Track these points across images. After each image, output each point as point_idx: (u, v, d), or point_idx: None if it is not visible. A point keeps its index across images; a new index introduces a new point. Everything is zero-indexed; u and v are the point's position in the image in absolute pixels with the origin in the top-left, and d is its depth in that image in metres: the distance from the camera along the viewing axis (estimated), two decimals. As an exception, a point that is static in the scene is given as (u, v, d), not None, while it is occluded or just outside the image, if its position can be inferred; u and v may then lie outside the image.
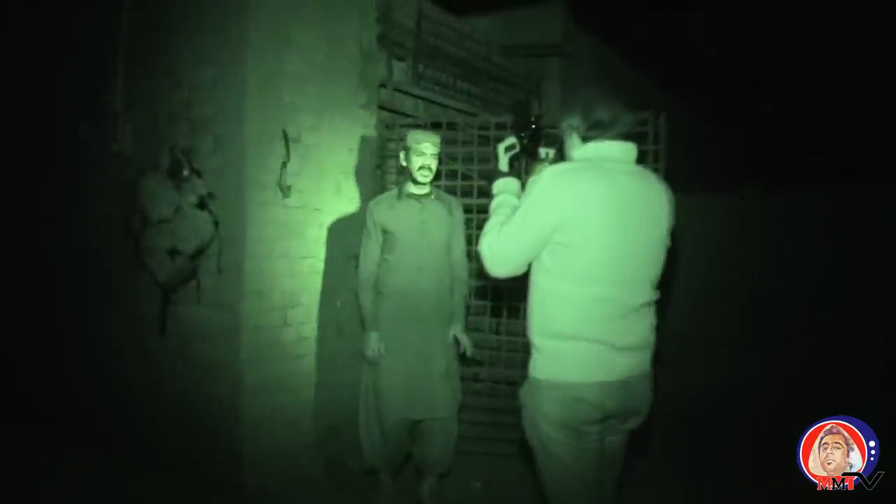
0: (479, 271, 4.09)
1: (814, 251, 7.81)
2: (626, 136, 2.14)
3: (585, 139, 2.14)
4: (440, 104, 5.20)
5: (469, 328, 4.42)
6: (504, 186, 2.33)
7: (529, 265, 2.15)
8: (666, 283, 2.21)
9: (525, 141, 2.41)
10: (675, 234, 2.21)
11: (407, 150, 3.52)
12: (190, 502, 3.63)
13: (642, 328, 2.12)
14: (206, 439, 3.76)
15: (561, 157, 2.30)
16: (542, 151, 2.49)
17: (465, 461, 4.13)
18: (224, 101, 3.67)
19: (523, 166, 2.47)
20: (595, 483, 2.12)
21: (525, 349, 2.22)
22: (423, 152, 3.48)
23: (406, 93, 4.87)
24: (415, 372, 3.48)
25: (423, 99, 5.06)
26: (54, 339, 4.59)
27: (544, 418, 2.07)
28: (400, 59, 4.86)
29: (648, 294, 2.12)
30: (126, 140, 4.06)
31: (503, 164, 2.40)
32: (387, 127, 4.45)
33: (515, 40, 6.43)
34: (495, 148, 2.43)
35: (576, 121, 2.14)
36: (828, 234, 7.75)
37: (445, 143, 4.40)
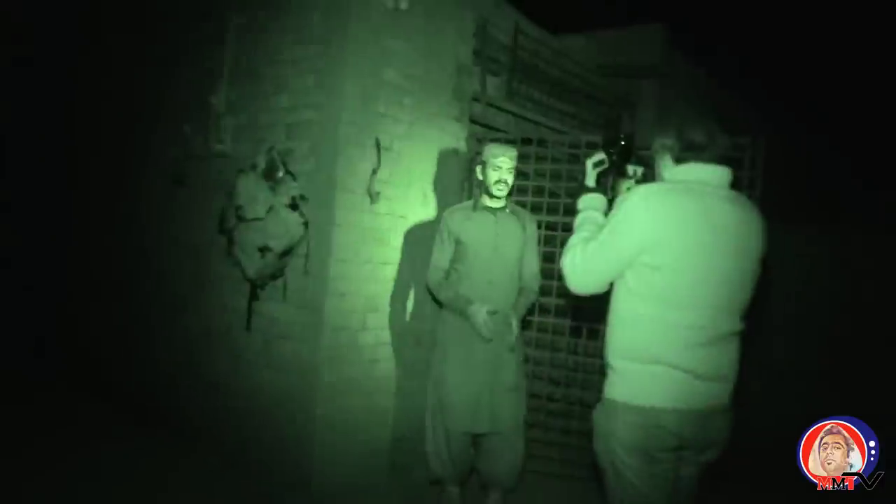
0: (559, 289, 4.06)
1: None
2: (720, 160, 2.08)
3: (679, 160, 2.10)
4: (532, 121, 5.19)
5: (547, 347, 4.40)
6: (590, 202, 2.31)
7: (611, 284, 2.11)
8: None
9: (614, 157, 2.38)
10: (767, 263, 2.13)
11: (484, 163, 3.54)
12: (258, 497, 3.72)
13: (726, 358, 2.05)
14: (279, 435, 3.86)
15: (650, 175, 2.26)
16: (631, 169, 2.46)
17: (533, 480, 4.10)
18: (321, 108, 3.79)
19: (610, 183, 2.44)
20: (665, 513, 2.05)
21: (602, 372, 2.19)
22: (500, 166, 3.49)
23: (499, 108, 4.89)
24: (480, 386, 3.47)
25: (515, 115, 5.07)
26: (149, 330, 4.81)
27: (618, 441, 2.03)
28: (495, 74, 4.89)
29: (736, 323, 2.06)
30: (227, 140, 4.24)
31: (590, 179, 2.38)
32: (478, 140, 4.48)
33: (612, 61, 6.36)
34: (584, 163, 2.41)
35: (669, 140, 2.10)
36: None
37: (535, 159, 4.42)
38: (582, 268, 2.09)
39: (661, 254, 1.96)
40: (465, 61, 4.44)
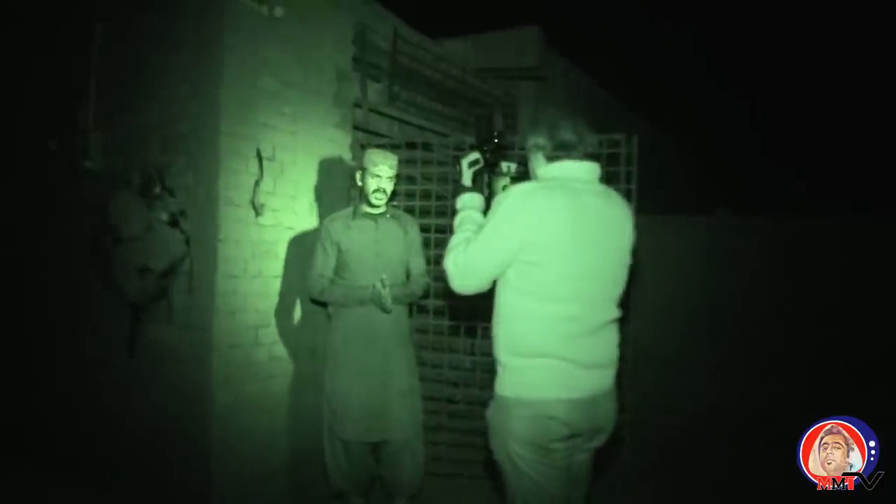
0: (449, 291, 4.09)
1: (788, 274, 7.88)
2: (590, 157, 2.17)
3: (551, 159, 2.16)
4: (416, 125, 5.22)
5: (443, 349, 4.43)
6: (468, 202, 2.35)
7: (494, 282, 2.15)
8: (638, 303, 2.24)
9: (488, 155, 2.43)
10: (637, 253, 2.24)
11: (363, 170, 3.53)
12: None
13: (607, 346, 2.15)
14: (175, 461, 3.69)
15: (524, 172, 2.32)
16: (505, 166, 2.51)
17: (439, 483, 4.11)
18: (198, 119, 3.65)
19: (485, 181, 2.48)
20: (564, 501, 2.11)
21: (497, 370, 2.22)
22: (379, 175, 3.49)
23: (381, 113, 4.88)
24: (371, 393, 3.45)
25: (398, 120, 5.08)
26: (23, 358, 4.49)
27: (512, 436, 2.07)
28: (376, 80, 4.88)
29: (612, 312, 2.15)
30: (97, 156, 4.02)
31: (466, 178, 2.41)
32: (361, 147, 4.45)
33: (491, 63, 6.48)
34: (458, 163, 2.44)
35: (542, 140, 2.17)
36: (802, 257, 7.82)
37: (421, 163, 4.44)
38: (464, 268, 2.12)
39: (540, 250, 2.02)
40: (344, 67, 4.40)
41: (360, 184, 3.59)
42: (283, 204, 3.91)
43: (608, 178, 3.97)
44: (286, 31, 3.93)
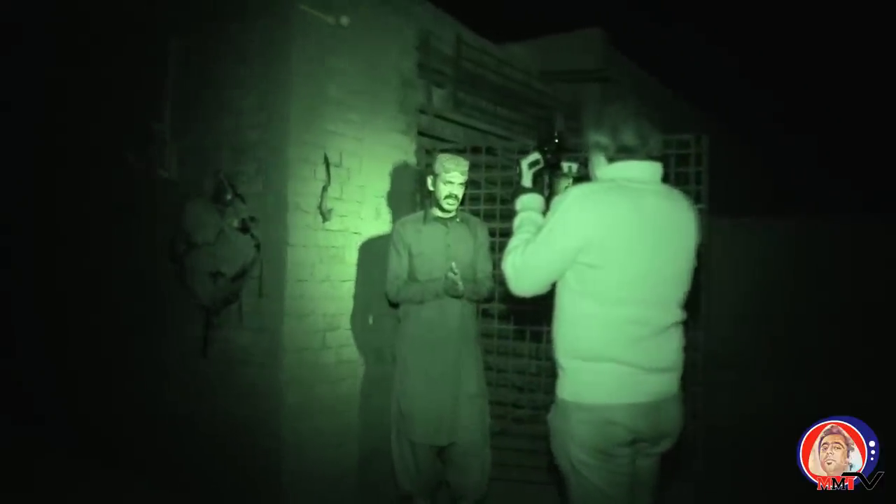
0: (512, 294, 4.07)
1: (871, 278, 7.56)
2: (654, 157, 2.12)
3: (612, 160, 2.12)
4: (480, 130, 5.22)
5: (508, 353, 4.42)
6: (528, 203, 2.32)
7: (554, 285, 2.13)
8: (711, 307, 2.18)
9: (548, 156, 2.40)
10: (706, 255, 2.18)
11: (435, 176, 3.55)
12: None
13: (671, 349, 2.09)
14: (246, 462, 3.79)
15: (586, 172, 2.29)
16: (566, 166, 2.48)
17: (504, 488, 4.09)
18: (267, 128, 3.75)
19: (546, 182, 2.46)
20: (628, 507, 2.07)
21: (560, 374, 2.20)
22: (451, 181, 3.51)
23: (446, 119, 4.91)
24: (442, 397, 3.46)
25: (463, 125, 5.09)
26: (101, 362, 4.68)
27: (573, 441, 2.04)
28: (440, 86, 4.91)
29: (676, 314, 2.10)
30: (172, 166, 4.17)
31: (527, 179, 2.39)
32: (427, 152, 4.49)
33: (555, 66, 6.45)
34: (518, 163, 2.42)
35: (604, 140, 2.12)
36: (875, 260, 7.50)
37: (485, 167, 4.44)
38: (523, 269, 2.10)
39: (599, 252, 1.98)
40: (408, 75, 4.45)
41: (431, 189, 3.61)
42: (349, 209, 3.98)
43: (677, 179, 3.92)
44: (352, 40, 4.00)
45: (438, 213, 3.61)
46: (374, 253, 4.07)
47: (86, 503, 3.90)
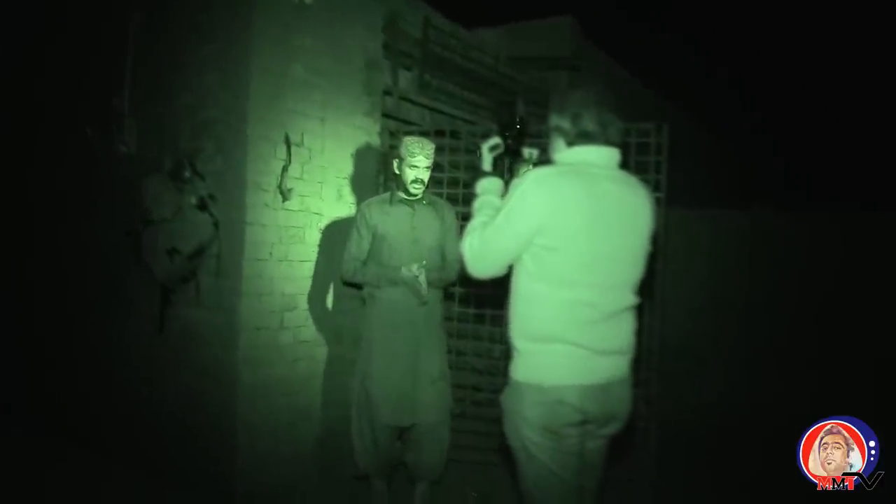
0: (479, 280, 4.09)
1: (825, 270, 7.70)
2: (612, 143, 2.14)
3: (571, 144, 2.14)
4: (446, 113, 5.22)
5: (468, 336, 4.44)
6: (487, 186, 2.34)
7: (511, 267, 2.15)
8: (669, 296, 2.21)
9: (509, 141, 2.42)
10: (662, 243, 2.21)
11: (401, 160, 3.53)
12: None
13: (623, 332, 2.12)
14: (201, 441, 3.77)
15: (545, 157, 2.30)
16: (526, 152, 2.50)
17: (463, 470, 4.13)
18: (227, 106, 3.71)
19: (507, 166, 2.47)
20: (575, 488, 2.10)
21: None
22: (417, 165, 3.49)
23: (412, 102, 4.90)
24: (404, 378, 3.48)
25: (429, 108, 5.08)
26: (57, 338, 4.62)
27: (524, 421, 2.07)
28: (406, 68, 4.90)
29: (629, 299, 2.13)
30: (131, 142, 4.10)
31: (487, 163, 2.40)
32: (391, 135, 4.48)
33: (524, 52, 6.45)
34: (478, 147, 2.44)
35: (565, 125, 2.14)
36: (839, 254, 7.63)
37: (449, 151, 4.44)
38: (480, 252, 2.12)
39: (554, 236, 2.00)
40: (374, 55, 4.42)
41: (397, 172, 3.59)
42: (310, 189, 3.95)
43: (637, 168, 3.96)
44: (316, 19, 3.96)
45: (404, 196, 3.60)
46: (335, 234, 4.05)
47: (47, 482, 3.85)
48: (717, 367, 7.27)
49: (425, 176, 3.54)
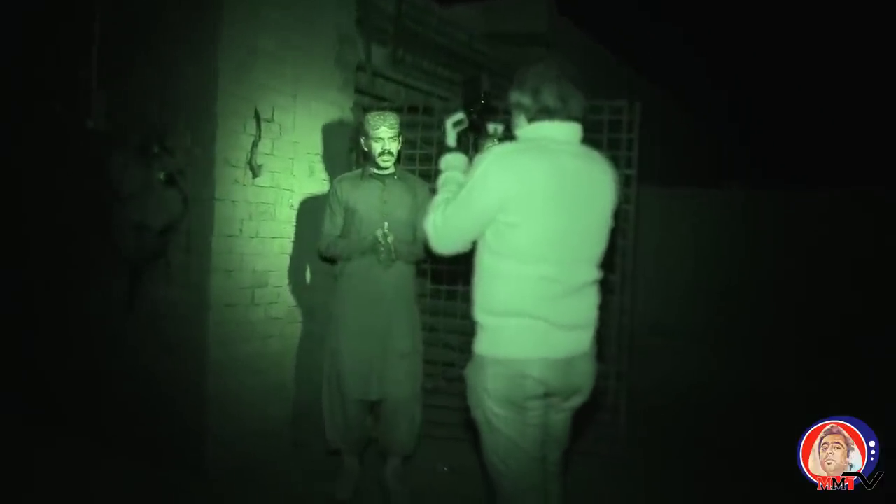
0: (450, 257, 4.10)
1: (800, 249, 7.79)
2: (574, 118, 2.14)
3: (531, 120, 2.14)
4: (421, 90, 5.19)
5: (439, 313, 4.46)
6: (451, 162, 2.33)
7: (475, 244, 2.16)
8: (641, 274, 2.22)
9: (474, 116, 2.41)
10: (618, 214, 2.22)
11: (366, 137, 3.51)
12: (153, 482, 3.63)
13: (585, 307, 2.14)
14: (171, 419, 3.76)
15: (510, 133, 2.30)
16: (491, 127, 2.49)
17: (436, 446, 4.17)
18: (196, 80, 3.65)
19: (471, 142, 2.46)
20: (538, 460, 2.13)
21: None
22: (381, 137, 3.46)
23: (386, 77, 4.86)
24: (373, 351, 3.48)
25: (403, 84, 5.05)
26: (26, 315, 4.57)
27: (487, 394, 2.09)
28: (380, 44, 4.85)
29: (592, 273, 2.14)
30: (100, 116, 4.04)
31: (451, 139, 2.39)
32: (364, 110, 4.43)
33: (500, 29, 6.42)
34: (443, 123, 2.42)
35: (525, 100, 2.14)
36: (816, 233, 7.72)
37: (422, 127, 4.42)
38: (443, 228, 2.12)
39: (516, 211, 2.01)
40: (347, 30, 4.37)
41: (366, 150, 3.57)
42: (281, 165, 3.93)
43: (609, 145, 3.97)
44: (287, -8, 3.91)
45: (375, 171, 3.58)
46: (306, 210, 4.04)
47: (14, 458, 3.83)
48: (691, 344, 7.38)
49: (392, 146, 3.51)
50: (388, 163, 3.52)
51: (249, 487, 3.69)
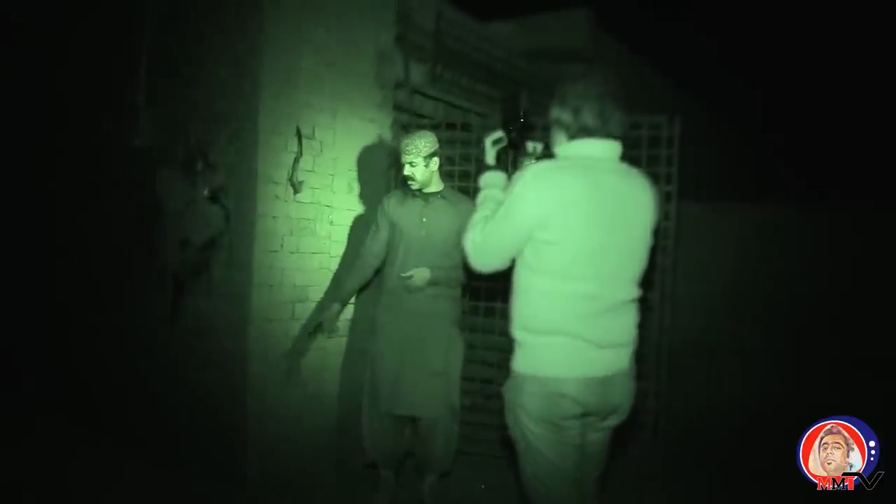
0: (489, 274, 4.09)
1: (849, 265, 7.60)
2: (614, 136, 2.13)
3: (572, 138, 2.14)
4: (459, 107, 5.20)
5: (477, 329, 4.45)
6: (490, 180, 2.34)
7: (513, 261, 2.16)
8: (682, 291, 2.20)
9: (513, 134, 2.41)
10: (658, 234, 2.20)
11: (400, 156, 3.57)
12: (194, 493, 3.68)
13: (623, 325, 2.12)
14: (212, 431, 3.82)
15: (549, 151, 2.30)
16: (530, 146, 2.49)
17: (473, 462, 4.15)
18: (239, 98, 3.74)
19: (510, 160, 2.47)
20: (576, 479, 2.11)
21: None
22: (404, 162, 3.52)
23: (424, 94, 4.89)
24: (405, 368, 3.49)
25: (442, 101, 5.08)
26: (73, 329, 4.69)
27: (525, 412, 2.08)
28: (419, 61, 4.89)
29: (631, 291, 2.13)
30: (146, 134, 4.16)
31: (490, 157, 2.40)
32: (403, 128, 4.48)
33: (539, 45, 6.42)
34: (482, 141, 2.43)
35: (566, 118, 2.14)
36: (848, 249, 7.54)
37: (460, 144, 4.44)
38: (482, 246, 2.14)
39: (554, 229, 2.01)
40: (386, 48, 4.43)
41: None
42: (321, 182, 3.98)
43: (648, 161, 3.94)
44: (328, 11, 3.98)
45: (420, 189, 3.61)
46: (346, 226, 4.09)
47: (55, 466, 3.93)
48: (731, 363, 7.22)
49: (413, 172, 3.52)
50: (412, 184, 3.55)
51: (288, 498, 3.72)
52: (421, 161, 3.51)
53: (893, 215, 7.47)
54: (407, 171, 3.52)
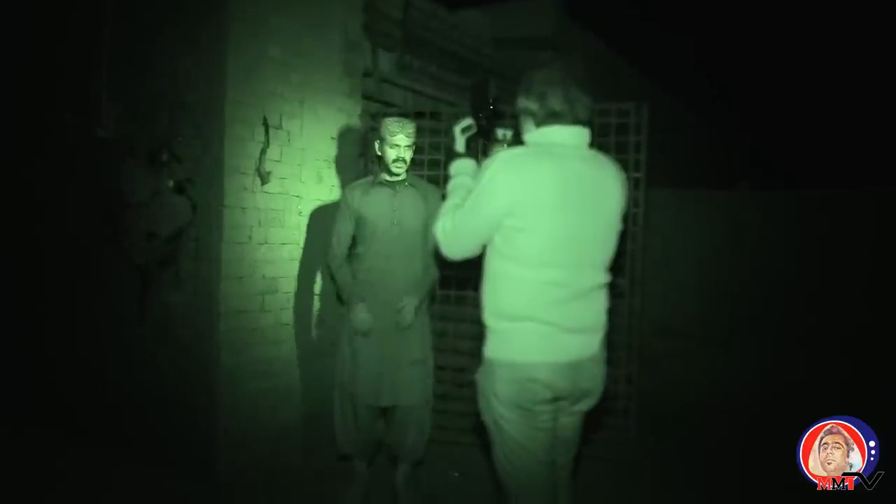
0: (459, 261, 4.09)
1: (813, 251, 7.73)
2: (581, 122, 2.14)
3: (540, 125, 2.14)
4: (428, 95, 5.19)
5: (449, 318, 4.45)
6: (460, 168, 2.34)
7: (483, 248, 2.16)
8: (652, 277, 2.22)
9: (482, 122, 2.41)
10: (627, 218, 2.22)
11: (381, 140, 3.50)
12: (165, 487, 3.64)
13: (593, 311, 2.14)
14: (183, 424, 3.78)
15: (519, 138, 2.30)
16: (500, 133, 2.49)
17: (447, 451, 4.16)
18: (204, 88, 3.68)
19: (480, 147, 2.47)
20: (548, 464, 2.13)
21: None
22: (398, 144, 3.45)
23: (393, 83, 4.87)
24: (384, 359, 3.48)
25: (410, 90, 5.06)
26: (38, 324, 4.60)
27: (497, 398, 2.09)
28: (387, 49, 4.86)
29: (600, 277, 2.14)
30: (109, 126, 4.07)
31: (460, 144, 2.40)
32: (372, 116, 4.45)
33: (507, 33, 6.42)
34: (451, 129, 2.43)
35: (532, 106, 2.14)
36: (830, 234, 7.66)
37: (429, 132, 4.42)
38: (452, 234, 2.14)
39: (523, 216, 2.01)
40: (354, 36, 4.39)
41: (378, 154, 3.56)
42: (289, 172, 3.94)
43: (617, 148, 3.97)
44: (294, -1, 3.93)
45: (387, 177, 3.57)
46: (316, 216, 4.06)
47: (27, 463, 3.86)
48: (701, 348, 7.33)
49: (407, 155, 3.50)
50: (400, 170, 3.50)
51: (260, 491, 3.70)
52: (411, 145, 3.50)
53: (857, 201, 7.61)
54: (401, 153, 3.46)
